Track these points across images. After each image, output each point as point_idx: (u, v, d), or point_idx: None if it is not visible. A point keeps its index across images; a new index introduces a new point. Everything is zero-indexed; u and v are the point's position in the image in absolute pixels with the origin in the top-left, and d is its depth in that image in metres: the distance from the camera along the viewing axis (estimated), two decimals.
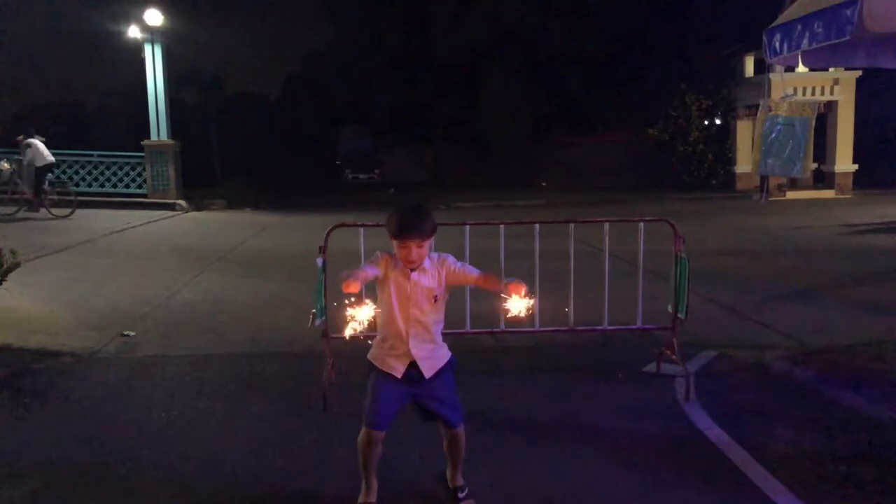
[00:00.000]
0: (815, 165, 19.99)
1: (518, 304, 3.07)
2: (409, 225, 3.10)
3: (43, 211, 15.76)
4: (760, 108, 5.57)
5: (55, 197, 16.04)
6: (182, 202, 18.73)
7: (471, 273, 3.28)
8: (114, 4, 20.26)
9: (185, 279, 9.15)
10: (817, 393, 4.87)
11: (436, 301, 3.22)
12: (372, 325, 3.28)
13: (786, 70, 11.50)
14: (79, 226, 14.33)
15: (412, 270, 3.16)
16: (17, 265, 6.06)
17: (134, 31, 19.12)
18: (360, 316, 3.17)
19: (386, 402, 3.21)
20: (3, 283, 5.95)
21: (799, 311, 7.24)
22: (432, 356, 3.24)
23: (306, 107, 31.28)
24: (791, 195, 20.37)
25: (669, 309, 5.20)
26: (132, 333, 6.56)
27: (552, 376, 5.36)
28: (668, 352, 5.14)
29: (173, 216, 17.53)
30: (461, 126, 29.30)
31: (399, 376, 3.21)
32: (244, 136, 29.12)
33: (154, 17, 18.65)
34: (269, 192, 23.01)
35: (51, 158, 16.29)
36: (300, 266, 9.26)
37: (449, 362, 3.32)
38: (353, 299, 3.14)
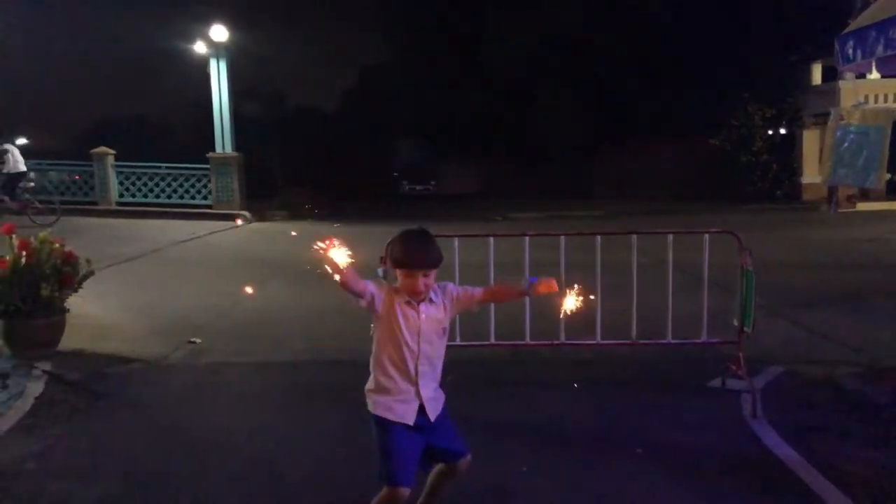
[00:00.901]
0: (888, 176, 19.21)
1: (571, 301, 3.00)
2: (419, 254, 2.83)
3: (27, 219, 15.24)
4: (831, 117, 5.39)
5: (39, 205, 16.02)
6: (245, 213, 19.16)
7: (475, 292, 3.05)
8: (180, 21, 20.99)
9: (250, 287, 9.35)
10: (891, 410, 4.68)
11: (444, 333, 2.97)
12: None
13: (857, 77, 11.11)
14: (146, 236, 14.80)
15: (419, 302, 2.88)
16: (92, 273, 6.30)
17: (200, 47, 19.73)
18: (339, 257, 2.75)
19: (408, 453, 2.86)
20: (79, 290, 6.19)
21: (870, 327, 6.97)
22: (437, 397, 2.97)
23: (363, 119, 31.74)
24: (862, 206, 19.62)
25: (735, 322, 5.09)
26: (198, 340, 6.74)
27: (614, 390, 5.28)
28: (734, 367, 5.02)
29: (237, 227, 17.95)
30: (515, 136, 29.32)
31: (412, 423, 2.88)
32: (304, 148, 29.69)
33: (219, 32, 19.22)
34: (329, 204, 23.38)
35: (23, 167, 16.29)
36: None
37: (444, 401, 3.05)
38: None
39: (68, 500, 3.64)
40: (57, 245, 6.03)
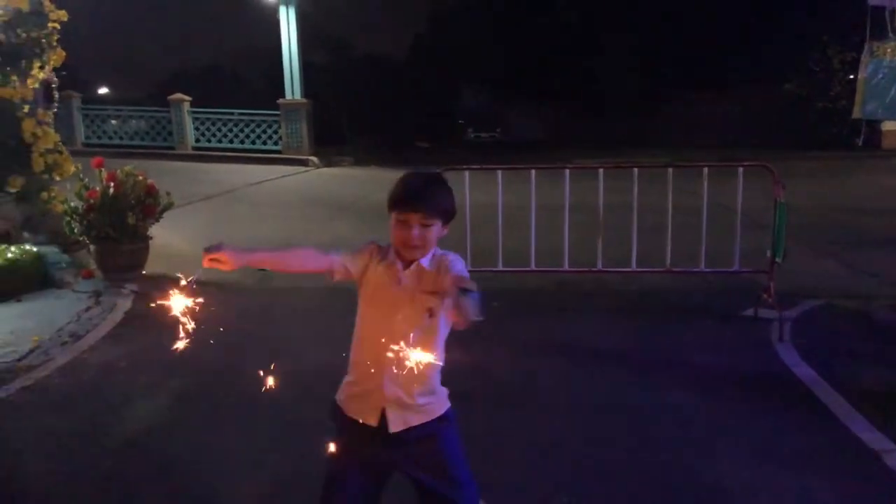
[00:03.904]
0: None
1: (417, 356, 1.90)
2: (416, 190, 2.08)
3: None
4: (864, 52, 5.43)
5: None
6: (314, 158, 19.76)
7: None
8: None
9: (315, 226, 9.93)
10: None
11: (431, 315, 2.06)
12: None
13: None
14: (220, 179, 15.54)
15: (405, 266, 2.10)
16: (172, 204, 6.90)
17: None
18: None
19: (348, 485, 2.14)
20: (160, 219, 6.79)
21: None
22: (413, 405, 2.10)
23: (431, 67, 31.80)
24: None
25: (768, 254, 5.28)
26: (269, 269, 7.30)
27: (648, 316, 5.58)
28: (766, 296, 5.23)
29: (305, 171, 18.58)
30: (583, 84, 28.93)
31: (374, 424, 2.10)
32: (371, 95, 30.07)
33: None
34: (395, 150, 23.79)
35: None
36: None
37: (441, 418, 2.15)
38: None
39: (155, 388, 4.23)
40: (140, 178, 6.62)
